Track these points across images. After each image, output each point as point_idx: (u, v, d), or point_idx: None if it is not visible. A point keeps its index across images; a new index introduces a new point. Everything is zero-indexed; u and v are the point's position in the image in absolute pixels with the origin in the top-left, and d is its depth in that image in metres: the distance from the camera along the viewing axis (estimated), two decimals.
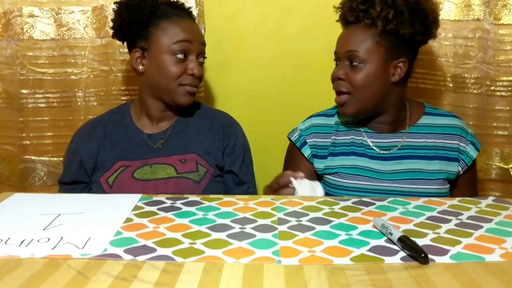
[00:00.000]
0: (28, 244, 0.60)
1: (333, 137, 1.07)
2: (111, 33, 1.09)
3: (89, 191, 1.06)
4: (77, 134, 1.11)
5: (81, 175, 1.06)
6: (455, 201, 0.80)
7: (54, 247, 0.59)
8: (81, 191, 1.06)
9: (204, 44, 1.08)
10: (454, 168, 1.04)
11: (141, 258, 0.57)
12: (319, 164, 1.07)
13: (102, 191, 1.00)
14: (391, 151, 1.04)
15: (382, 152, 1.04)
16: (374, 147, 1.05)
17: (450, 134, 1.05)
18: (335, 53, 1.05)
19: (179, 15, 1.06)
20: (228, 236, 0.64)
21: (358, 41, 0.98)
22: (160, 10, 1.05)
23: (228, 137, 1.09)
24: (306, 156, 1.08)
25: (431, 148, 1.04)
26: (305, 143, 1.09)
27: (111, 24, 1.12)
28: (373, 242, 0.62)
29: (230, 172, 1.09)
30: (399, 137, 1.05)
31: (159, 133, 1.08)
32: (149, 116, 1.09)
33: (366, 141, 1.05)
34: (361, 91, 0.99)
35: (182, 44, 1.02)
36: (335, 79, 1.04)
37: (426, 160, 1.03)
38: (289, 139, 1.13)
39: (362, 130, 1.07)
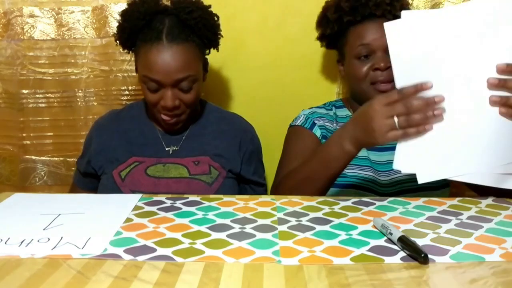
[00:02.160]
0: (28, 244, 0.60)
1: (334, 125, 1.10)
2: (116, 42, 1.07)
3: (98, 182, 1.06)
4: (95, 125, 1.12)
5: (88, 169, 1.08)
6: (455, 201, 0.80)
7: (54, 247, 0.59)
8: (89, 183, 1.09)
9: (184, 77, 0.96)
10: None
11: (141, 258, 0.57)
12: None
13: (113, 183, 1.00)
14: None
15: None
16: None
17: None
18: (367, 45, 1.03)
19: (156, 39, 0.96)
20: (228, 236, 0.64)
21: None
22: (151, 23, 0.99)
23: (245, 144, 1.09)
24: (318, 136, 1.07)
25: None
26: (314, 124, 1.09)
27: (111, 24, 1.11)
28: (373, 242, 0.62)
29: (258, 183, 1.11)
30: None
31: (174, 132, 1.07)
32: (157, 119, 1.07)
33: None
34: None
35: (148, 80, 0.97)
36: (382, 69, 1.00)
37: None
38: (293, 126, 1.12)
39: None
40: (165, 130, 1.06)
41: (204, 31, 1.01)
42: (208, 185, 1.00)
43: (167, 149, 1.05)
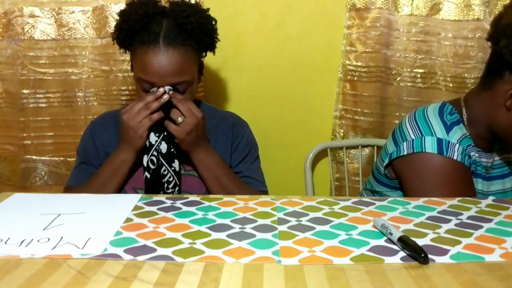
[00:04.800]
0: (28, 244, 0.60)
1: (474, 153, 0.93)
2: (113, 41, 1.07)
3: None
4: (92, 124, 1.12)
5: (94, 157, 1.06)
6: (455, 201, 0.80)
7: (54, 247, 0.59)
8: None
9: (179, 82, 0.97)
10: None
11: (141, 258, 0.57)
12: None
13: None
14: (491, 170, 0.98)
15: (484, 171, 0.96)
16: (482, 166, 0.96)
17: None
18: None
19: (153, 42, 0.96)
20: (228, 236, 0.64)
21: None
22: (149, 25, 0.99)
23: (235, 135, 1.10)
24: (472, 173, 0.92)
25: (508, 165, 1.00)
26: (469, 157, 0.91)
27: (111, 24, 1.11)
28: (373, 242, 0.62)
29: (239, 171, 1.09)
30: (491, 157, 0.99)
31: None
32: None
33: (479, 160, 0.95)
34: None
35: (143, 82, 0.98)
36: None
37: (508, 177, 0.99)
38: (448, 158, 0.89)
39: (475, 148, 0.95)
40: None
41: (200, 35, 1.00)
42: (200, 179, 1.02)
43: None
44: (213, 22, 1.04)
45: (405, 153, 0.93)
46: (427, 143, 0.90)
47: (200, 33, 1.00)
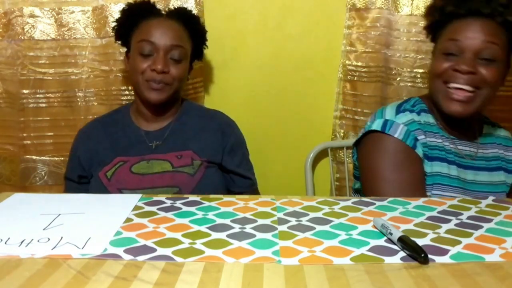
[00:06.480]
0: (28, 244, 0.60)
1: (422, 136, 0.96)
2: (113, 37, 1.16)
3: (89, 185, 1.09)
4: (78, 134, 1.14)
5: (83, 172, 1.10)
6: (455, 201, 0.80)
7: (54, 247, 0.59)
8: (86, 190, 1.09)
9: (178, 46, 1.06)
10: (511, 180, 1.03)
11: (141, 258, 0.57)
12: (427, 168, 0.95)
13: (101, 184, 1.03)
14: (472, 160, 0.99)
15: (466, 159, 0.98)
16: (461, 154, 0.98)
17: (508, 147, 1.04)
18: (456, 41, 0.91)
19: (157, 15, 1.09)
20: (228, 236, 0.64)
21: (496, 36, 0.88)
22: (154, 9, 1.11)
23: (227, 136, 1.11)
24: (421, 156, 0.93)
25: (496, 159, 1.02)
26: (416, 140, 0.94)
27: (111, 24, 1.12)
28: (373, 242, 0.62)
29: (244, 176, 1.12)
30: (474, 147, 1.01)
31: (157, 130, 1.10)
32: (143, 115, 1.11)
33: (454, 147, 0.98)
34: (491, 89, 0.91)
35: (144, 43, 1.04)
36: (462, 72, 0.89)
37: (496, 171, 1.01)
38: (390, 136, 0.94)
39: (448, 136, 0.99)
40: (150, 103, 1.07)
41: (194, 28, 1.13)
42: (191, 175, 1.03)
43: (150, 144, 1.07)
44: (206, 32, 1.19)
45: (359, 137, 1.02)
46: (375, 124, 0.97)
47: (195, 26, 1.12)
